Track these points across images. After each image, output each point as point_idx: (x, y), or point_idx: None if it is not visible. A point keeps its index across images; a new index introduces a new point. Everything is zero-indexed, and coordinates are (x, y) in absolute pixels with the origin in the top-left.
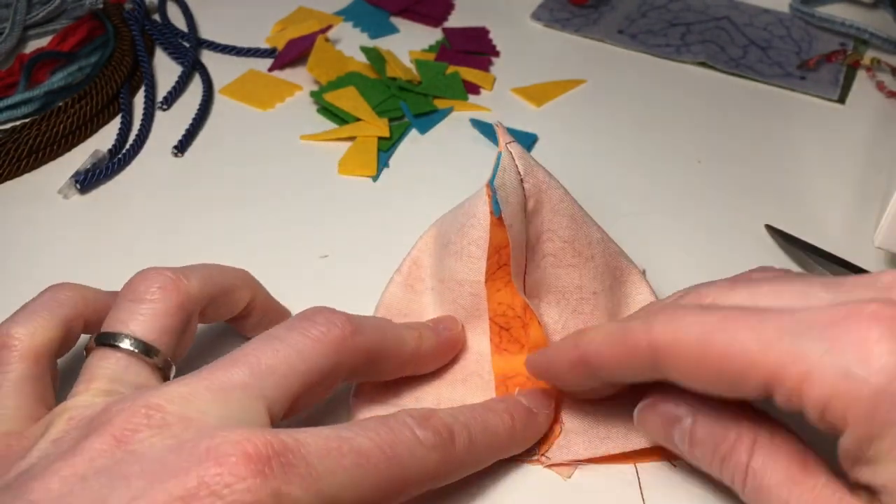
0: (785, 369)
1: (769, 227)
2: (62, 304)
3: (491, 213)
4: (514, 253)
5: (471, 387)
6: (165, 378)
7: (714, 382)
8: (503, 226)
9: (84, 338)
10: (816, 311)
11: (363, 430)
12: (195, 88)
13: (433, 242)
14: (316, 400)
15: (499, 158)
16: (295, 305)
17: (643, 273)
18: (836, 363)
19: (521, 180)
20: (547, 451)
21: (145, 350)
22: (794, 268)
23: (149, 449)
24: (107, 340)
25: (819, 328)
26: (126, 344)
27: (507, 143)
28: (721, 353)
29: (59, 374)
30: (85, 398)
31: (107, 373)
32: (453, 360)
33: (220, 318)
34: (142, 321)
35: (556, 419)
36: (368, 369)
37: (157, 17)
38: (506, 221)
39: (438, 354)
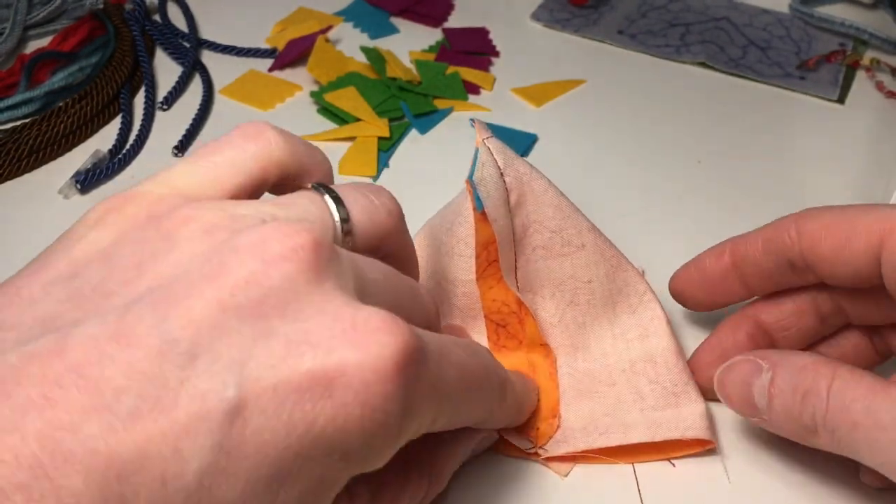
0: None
1: None
2: (315, 156)
3: (474, 209)
4: (502, 247)
5: None
6: None
7: (840, 248)
8: (487, 221)
9: None
10: None
11: (457, 343)
12: (195, 88)
13: (425, 244)
14: None
15: (476, 154)
16: None
17: (643, 273)
18: None
19: (502, 174)
20: (545, 444)
21: (345, 219)
22: None
23: (291, 296)
24: (320, 189)
25: None
26: (333, 206)
27: (484, 139)
28: (849, 219)
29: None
30: (258, 208)
31: (298, 203)
32: None
33: None
34: (361, 209)
35: (554, 414)
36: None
37: (157, 17)
38: (489, 216)
39: None
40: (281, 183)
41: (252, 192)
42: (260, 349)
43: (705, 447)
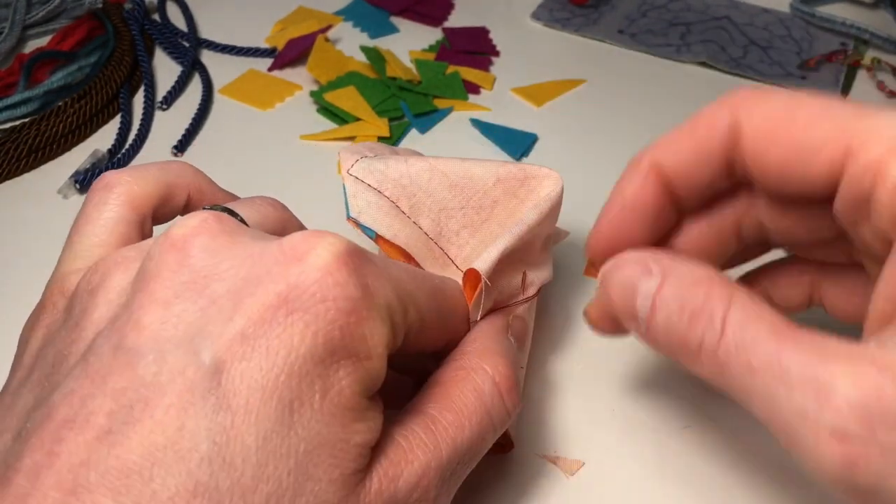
0: (866, 142)
1: None
2: (172, 171)
3: (377, 238)
4: (420, 255)
5: None
6: None
7: (790, 157)
8: (389, 242)
9: None
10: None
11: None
12: (195, 88)
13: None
14: None
15: (344, 190)
16: None
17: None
18: None
19: (380, 192)
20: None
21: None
22: None
23: (217, 260)
24: (209, 207)
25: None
26: (223, 212)
27: (347, 171)
28: (806, 121)
29: (152, 235)
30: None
31: (192, 216)
32: None
33: None
34: (248, 208)
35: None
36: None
37: (156, 16)
38: (388, 237)
39: None
40: (162, 211)
41: (140, 234)
42: (213, 313)
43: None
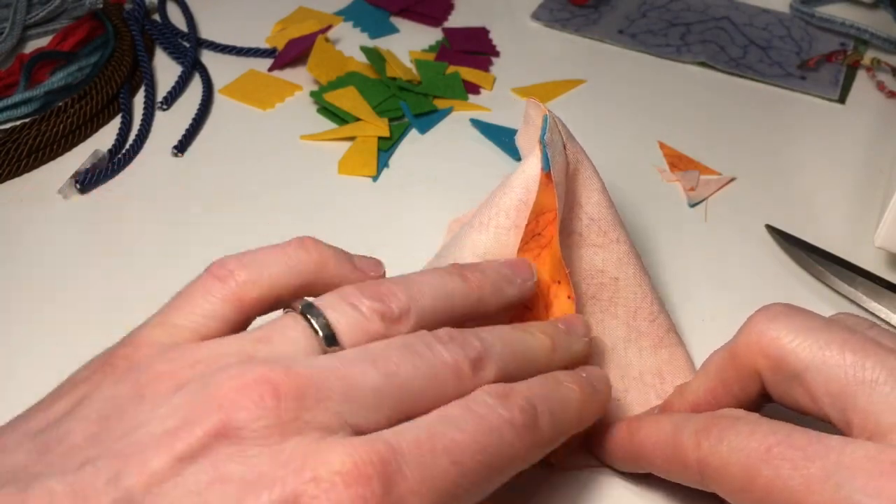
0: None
1: (769, 227)
2: (297, 267)
3: (541, 169)
4: (560, 208)
5: None
6: None
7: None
8: (551, 184)
9: None
10: (863, 455)
11: (450, 420)
12: (195, 88)
13: (456, 228)
14: None
15: (545, 120)
16: None
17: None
18: None
19: (564, 145)
20: (561, 457)
21: (330, 338)
22: (795, 267)
23: (252, 444)
24: (307, 312)
25: (865, 478)
26: (316, 330)
27: (547, 110)
28: (765, 487)
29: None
30: (238, 346)
31: (275, 335)
32: None
33: None
34: (348, 325)
35: None
36: None
37: (156, 16)
38: (554, 178)
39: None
40: (272, 307)
41: (232, 329)
42: (214, 495)
43: None
